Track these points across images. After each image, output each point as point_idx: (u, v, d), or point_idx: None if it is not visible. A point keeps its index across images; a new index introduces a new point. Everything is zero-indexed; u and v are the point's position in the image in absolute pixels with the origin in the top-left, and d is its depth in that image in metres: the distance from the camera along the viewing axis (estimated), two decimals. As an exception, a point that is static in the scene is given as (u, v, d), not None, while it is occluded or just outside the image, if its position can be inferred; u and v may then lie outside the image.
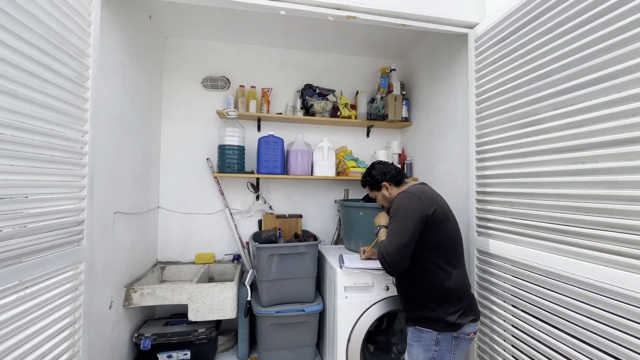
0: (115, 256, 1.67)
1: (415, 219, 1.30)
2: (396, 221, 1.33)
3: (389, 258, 1.29)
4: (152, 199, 2.21)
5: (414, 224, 1.30)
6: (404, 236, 1.29)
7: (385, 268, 1.33)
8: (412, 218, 1.30)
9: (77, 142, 1.24)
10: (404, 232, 1.29)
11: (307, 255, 1.88)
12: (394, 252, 1.28)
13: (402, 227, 1.30)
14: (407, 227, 1.30)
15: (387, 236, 1.35)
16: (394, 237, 1.30)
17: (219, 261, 2.37)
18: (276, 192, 2.50)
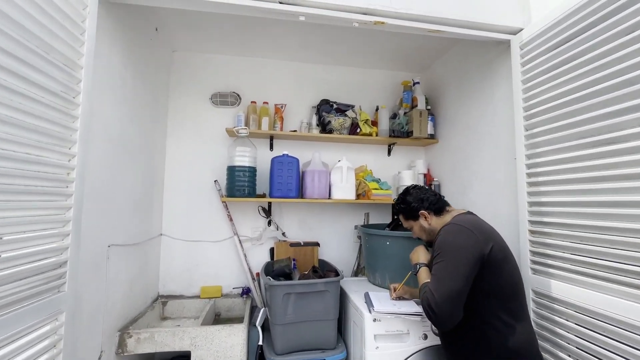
0: (109, 296, 1.45)
1: (469, 260, 1.06)
2: (445, 261, 1.09)
3: (437, 309, 1.04)
4: (154, 226, 2.00)
5: (468, 266, 1.05)
6: (456, 281, 1.04)
7: (432, 321, 1.07)
8: (465, 258, 1.06)
9: (62, 168, 1.05)
10: (456, 275, 1.05)
11: (327, 293, 1.62)
12: (444, 301, 1.03)
13: (452, 270, 1.06)
14: (459, 269, 1.05)
15: (433, 280, 1.10)
16: (443, 282, 1.06)
17: (226, 295, 2.12)
18: (289, 217, 2.28)
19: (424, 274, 1.25)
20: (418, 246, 1.42)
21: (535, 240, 1.40)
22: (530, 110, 1.42)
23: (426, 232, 1.34)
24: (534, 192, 1.41)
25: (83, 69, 1.11)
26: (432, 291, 1.07)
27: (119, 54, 1.49)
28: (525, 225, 1.43)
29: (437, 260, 1.13)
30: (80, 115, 1.10)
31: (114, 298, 1.49)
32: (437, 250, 1.15)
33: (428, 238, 1.36)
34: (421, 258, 1.34)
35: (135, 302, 1.73)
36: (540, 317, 1.36)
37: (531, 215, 1.42)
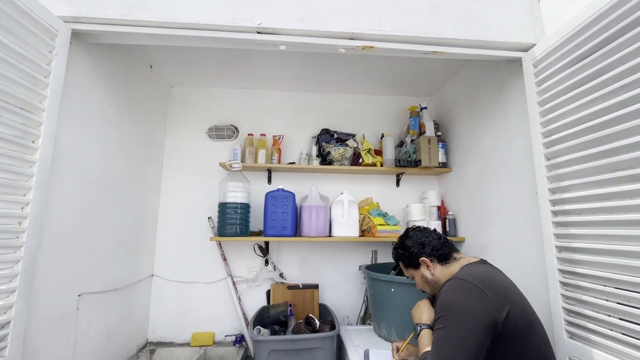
0: (78, 351, 1.32)
1: (477, 328, 0.84)
2: (446, 328, 0.87)
3: None
4: (144, 267, 1.90)
5: (477, 336, 0.83)
6: (461, 355, 0.82)
7: None
8: (473, 326, 0.84)
9: (12, 218, 0.97)
10: (461, 347, 0.83)
11: (321, 351, 1.41)
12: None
13: (456, 341, 0.84)
14: (465, 340, 0.83)
15: (433, 350, 0.88)
16: (444, 355, 0.83)
17: (218, 343, 1.94)
18: (288, 256, 2.10)
19: (425, 339, 1.02)
20: (421, 301, 1.19)
21: (569, 295, 1.12)
22: (550, 136, 1.20)
23: (429, 283, 1.12)
24: (562, 235, 1.15)
25: (45, 111, 1.06)
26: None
27: (102, 93, 1.46)
28: (554, 275, 1.17)
29: (438, 325, 0.91)
30: (39, 160, 1.04)
31: (85, 351, 1.37)
32: (438, 312, 0.93)
33: (432, 291, 1.14)
34: (424, 317, 1.11)
35: (115, 354, 1.59)
36: (584, 397, 1.06)
37: (562, 263, 1.15)
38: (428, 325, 1.07)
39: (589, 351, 1.03)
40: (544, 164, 1.22)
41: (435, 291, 1.10)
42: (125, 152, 1.66)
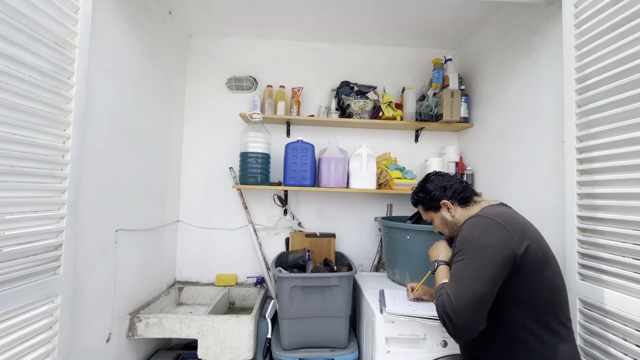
0: (118, 281, 1.46)
1: (496, 261, 0.88)
2: (466, 259, 0.91)
3: (454, 315, 0.87)
4: (171, 213, 2.00)
5: (495, 268, 0.87)
6: (480, 285, 0.87)
7: (448, 329, 0.91)
8: (493, 259, 0.88)
9: (56, 150, 1.03)
10: (480, 278, 0.87)
11: (338, 289, 1.50)
12: (462, 308, 0.87)
13: (475, 271, 0.88)
14: (484, 271, 0.87)
15: (451, 281, 0.93)
16: (463, 285, 0.89)
17: (241, 284, 2.09)
18: (307, 207, 2.17)
19: (442, 273, 1.08)
20: (439, 241, 1.24)
21: (585, 240, 1.15)
22: (583, 82, 1.16)
23: (449, 225, 1.16)
24: (586, 182, 1.16)
25: (77, 48, 1.08)
26: (450, 295, 0.90)
27: (125, 36, 1.46)
28: (573, 222, 1.19)
29: (457, 257, 0.95)
30: (75, 97, 1.08)
31: (124, 282, 1.50)
32: (458, 246, 0.97)
33: (451, 233, 1.18)
34: (441, 255, 1.16)
35: (149, 287, 1.74)
36: (589, 332, 1.13)
37: (581, 210, 1.17)
38: (445, 262, 1.12)
39: (600, 291, 1.08)
40: (574, 111, 1.19)
41: (454, 232, 1.13)
42: (149, 100, 1.69)
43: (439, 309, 0.93)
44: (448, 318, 0.89)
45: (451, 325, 0.89)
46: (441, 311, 0.92)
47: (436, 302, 0.96)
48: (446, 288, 0.94)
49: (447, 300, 0.90)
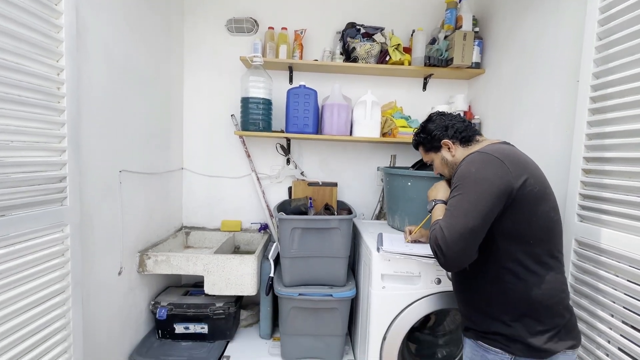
0: (126, 220, 1.51)
1: (492, 193, 0.87)
2: (462, 194, 0.91)
3: (446, 247, 0.89)
4: (175, 159, 2.02)
5: (489, 201, 0.87)
6: (472, 217, 0.87)
7: (440, 261, 0.93)
8: (488, 192, 0.87)
9: (49, 81, 1.01)
10: (473, 211, 0.87)
11: (338, 231, 1.54)
12: (454, 240, 0.88)
13: (470, 204, 0.88)
14: (478, 203, 0.87)
15: (445, 215, 0.94)
16: (457, 218, 0.89)
17: (245, 230, 2.16)
18: (309, 156, 2.17)
19: (438, 211, 1.08)
20: (438, 182, 1.23)
21: (588, 181, 1.13)
22: (607, 11, 1.07)
23: (449, 165, 1.14)
24: (596, 122, 1.11)
25: (62, -29, 1.02)
26: (443, 228, 0.91)
27: (116, -35, 1.37)
28: (578, 163, 1.16)
29: (453, 193, 0.95)
30: (65, 26, 1.04)
31: (131, 222, 1.56)
32: (455, 182, 0.96)
33: (450, 174, 1.16)
34: (439, 194, 1.16)
35: (157, 229, 1.81)
36: (582, 270, 1.15)
37: (588, 151, 1.14)
38: (443, 201, 1.12)
39: (597, 230, 1.08)
40: (594, 44, 1.11)
41: (451, 173, 1.12)
42: (146, 38, 1.63)
43: (432, 241, 0.94)
44: (440, 250, 0.91)
45: (442, 256, 0.91)
46: (434, 244, 0.93)
47: (430, 236, 0.97)
48: (440, 222, 0.94)
49: (439, 233, 0.91)
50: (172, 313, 1.66)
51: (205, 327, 1.69)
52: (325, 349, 1.62)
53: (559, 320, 0.89)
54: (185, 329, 1.68)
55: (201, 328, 1.69)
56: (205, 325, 1.69)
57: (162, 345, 1.65)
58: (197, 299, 1.74)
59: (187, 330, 1.68)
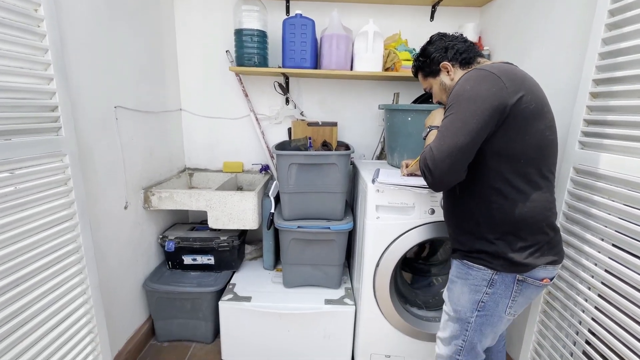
0: (126, 156, 1.54)
1: (484, 110, 0.83)
2: (454, 113, 0.88)
3: (434, 166, 0.88)
4: (172, 100, 1.99)
5: (482, 118, 0.83)
6: (462, 135, 0.85)
7: (427, 180, 0.93)
8: (481, 109, 0.83)
9: (24, 1, 0.96)
10: (463, 129, 0.85)
11: (335, 167, 1.55)
12: (442, 158, 0.86)
13: (461, 122, 0.85)
14: (469, 121, 0.84)
15: (436, 136, 0.92)
16: (446, 138, 0.87)
17: (247, 171, 2.19)
18: (309, 95, 2.10)
19: (432, 137, 1.06)
20: (436, 109, 1.19)
21: (594, 105, 1.08)
22: None
23: (447, 90, 1.08)
24: (612, 38, 1.02)
25: None
26: (432, 148, 0.89)
27: None
28: (586, 87, 1.10)
29: (446, 114, 0.91)
30: (32, -64, 0.96)
31: (131, 159, 1.59)
32: (449, 102, 0.91)
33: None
34: (435, 121, 1.12)
35: (159, 168, 1.85)
36: (577, 198, 1.14)
37: (599, 72, 1.07)
38: (437, 126, 1.09)
39: (597, 156, 1.05)
40: (621, -55, 0.98)
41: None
42: (128, -38, 1.51)
43: (421, 163, 0.93)
44: (427, 169, 0.90)
45: (430, 175, 0.90)
46: (422, 164, 0.92)
47: (420, 158, 0.96)
48: (430, 144, 0.92)
49: (428, 154, 0.90)
50: (180, 246, 1.76)
51: (212, 259, 1.80)
52: (324, 278, 1.72)
53: (542, 237, 0.90)
54: (192, 260, 1.80)
55: (208, 259, 1.80)
56: (211, 257, 1.79)
57: (172, 275, 1.78)
58: (202, 234, 1.83)
59: (194, 262, 1.80)
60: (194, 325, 1.74)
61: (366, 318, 1.49)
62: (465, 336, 1.01)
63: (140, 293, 1.71)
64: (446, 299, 1.07)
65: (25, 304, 1.00)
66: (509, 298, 0.94)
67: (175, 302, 1.69)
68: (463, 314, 1.00)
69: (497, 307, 0.95)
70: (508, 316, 0.97)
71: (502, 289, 0.93)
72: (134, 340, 1.63)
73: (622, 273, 0.96)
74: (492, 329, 0.99)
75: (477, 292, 0.96)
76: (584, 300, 1.10)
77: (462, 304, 1.00)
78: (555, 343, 1.22)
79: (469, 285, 0.98)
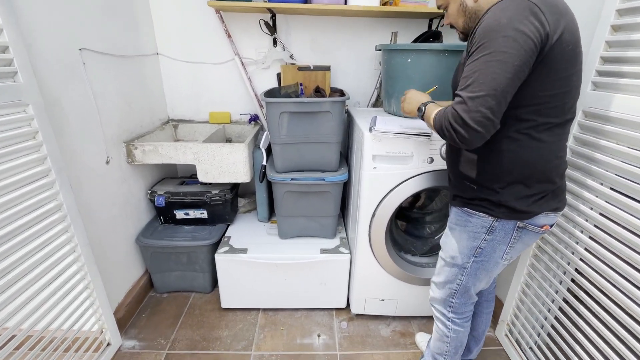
0: (100, 106, 1.41)
1: (526, 49, 0.71)
2: (490, 53, 0.73)
3: (471, 118, 0.75)
4: (146, 42, 1.79)
5: (523, 58, 0.72)
6: (503, 78, 0.72)
7: (458, 136, 0.78)
8: (522, 47, 0.71)
9: None
10: (503, 70, 0.72)
11: (329, 115, 1.45)
12: (482, 108, 0.74)
13: (499, 64, 0.72)
14: (509, 61, 0.72)
15: (467, 83, 0.77)
16: (483, 84, 0.74)
17: (235, 122, 2.07)
18: (298, 36, 1.91)
19: (433, 107, 0.93)
20: (407, 91, 1.08)
21: (614, 40, 0.98)
22: None
23: (467, 14, 0.90)
24: (645, -43, 0.89)
25: None
26: (465, 98, 0.76)
27: None
28: (608, 18, 0.99)
29: (477, 54, 0.75)
30: None
31: (107, 109, 1.45)
32: (478, 40, 0.76)
33: (465, 25, 0.93)
34: (421, 98, 1.00)
35: (140, 119, 1.72)
36: (581, 143, 1.10)
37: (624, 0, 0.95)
38: (429, 100, 0.98)
39: (610, 97, 0.99)
40: None
41: (468, 26, 0.92)
42: None
43: (446, 121, 0.81)
44: (462, 124, 0.76)
45: (465, 131, 0.76)
46: (450, 120, 0.79)
47: (440, 118, 0.84)
48: (459, 93, 0.79)
49: (460, 106, 0.77)
50: (170, 201, 1.71)
51: (205, 212, 1.77)
52: (319, 228, 1.72)
53: (548, 187, 0.87)
54: (185, 214, 1.76)
55: (200, 213, 1.77)
56: (204, 210, 1.76)
57: (166, 229, 1.75)
58: (193, 188, 1.77)
59: (187, 216, 1.77)
60: (191, 276, 1.77)
61: (361, 266, 1.52)
62: (460, 280, 1.03)
63: (134, 248, 1.70)
64: (443, 245, 1.07)
65: (10, 264, 0.96)
66: (507, 244, 0.93)
67: (170, 255, 1.69)
68: (459, 260, 1.01)
69: (494, 253, 0.95)
70: (504, 262, 0.97)
71: (501, 236, 0.93)
72: (133, 293, 1.66)
73: (616, 215, 0.96)
74: (487, 274, 1.00)
75: (475, 238, 0.96)
76: (575, 243, 1.11)
77: (459, 250, 1.00)
78: (542, 283, 1.27)
79: (468, 232, 0.97)
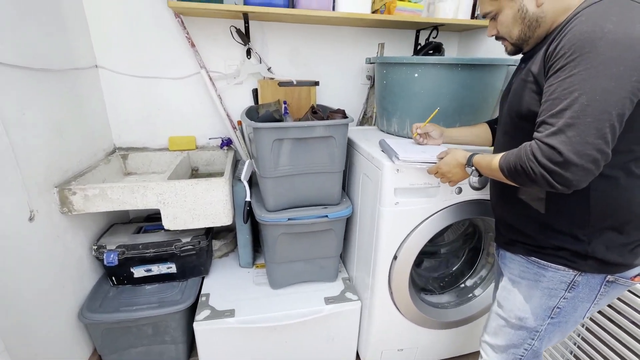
0: (16, 141, 0.99)
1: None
2: (591, 68, 0.57)
3: (578, 154, 0.58)
4: (82, 53, 1.38)
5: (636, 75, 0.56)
6: (614, 100, 0.56)
7: (556, 179, 0.61)
8: (636, 60, 0.55)
9: None
10: (620, 85, 0.56)
11: (332, 140, 1.21)
12: (589, 139, 0.57)
13: (609, 81, 0.56)
14: (627, 74, 0.56)
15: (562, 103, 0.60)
16: (592, 103, 0.57)
17: (202, 147, 1.72)
18: (276, 46, 1.65)
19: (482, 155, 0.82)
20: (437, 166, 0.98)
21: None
22: None
23: (526, 21, 0.72)
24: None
25: None
26: (563, 129, 0.59)
27: None
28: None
29: (573, 69, 0.59)
30: None
31: (28, 144, 1.04)
32: (570, 53, 0.60)
33: (522, 35, 0.74)
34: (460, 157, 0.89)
35: (76, 152, 1.30)
36: None
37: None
38: (473, 152, 0.85)
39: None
40: None
41: (525, 35, 0.74)
42: None
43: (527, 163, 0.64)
44: (558, 161, 0.59)
45: (563, 168, 0.59)
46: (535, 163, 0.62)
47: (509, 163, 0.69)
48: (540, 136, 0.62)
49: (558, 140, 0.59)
50: (126, 257, 1.31)
51: (173, 267, 1.39)
52: (318, 272, 1.46)
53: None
54: (147, 271, 1.37)
55: (167, 268, 1.39)
56: (172, 264, 1.39)
57: (119, 294, 1.34)
58: (154, 237, 1.39)
59: (150, 273, 1.38)
60: (159, 350, 1.37)
61: (379, 315, 1.29)
62: (530, 345, 0.85)
63: (78, 327, 1.26)
64: (503, 301, 0.88)
65: None
66: (592, 302, 0.77)
67: (130, 329, 1.29)
68: (531, 322, 0.82)
69: (574, 312, 0.79)
70: (585, 319, 0.81)
71: (585, 292, 0.76)
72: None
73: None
74: (563, 335, 0.84)
75: (551, 296, 0.78)
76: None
77: (530, 311, 0.81)
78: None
79: (542, 288, 0.79)
